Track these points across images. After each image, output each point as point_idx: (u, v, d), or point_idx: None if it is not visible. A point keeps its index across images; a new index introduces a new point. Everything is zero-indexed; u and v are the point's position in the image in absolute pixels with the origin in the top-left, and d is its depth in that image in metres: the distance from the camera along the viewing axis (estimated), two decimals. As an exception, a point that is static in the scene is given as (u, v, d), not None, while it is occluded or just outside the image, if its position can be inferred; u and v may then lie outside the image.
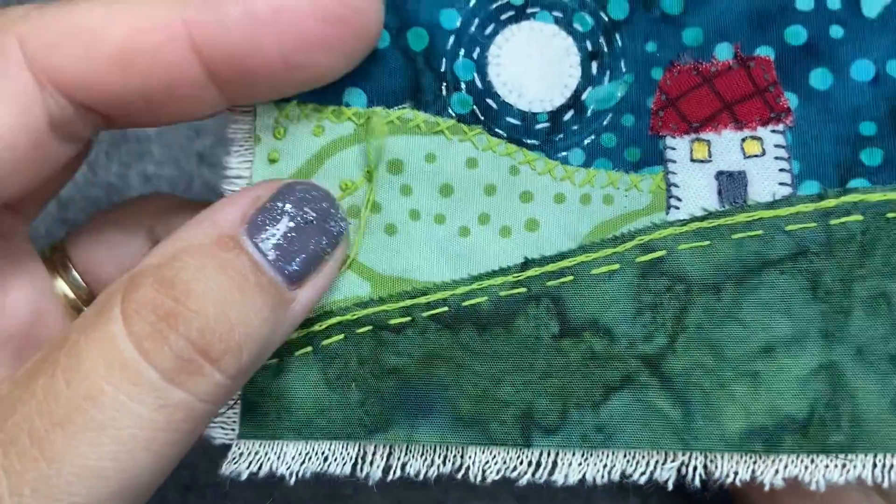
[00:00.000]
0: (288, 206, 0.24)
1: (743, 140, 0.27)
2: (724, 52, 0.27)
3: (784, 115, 0.27)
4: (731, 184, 0.26)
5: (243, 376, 0.23)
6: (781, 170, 0.26)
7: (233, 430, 0.27)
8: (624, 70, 0.27)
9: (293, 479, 0.27)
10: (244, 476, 0.27)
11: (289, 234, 0.24)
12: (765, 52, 0.27)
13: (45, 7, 0.23)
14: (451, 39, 0.27)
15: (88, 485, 0.20)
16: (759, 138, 0.27)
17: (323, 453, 0.27)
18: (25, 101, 0.22)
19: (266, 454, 0.27)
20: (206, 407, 0.22)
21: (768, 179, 0.26)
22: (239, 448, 0.27)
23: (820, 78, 0.26)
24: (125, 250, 0.28)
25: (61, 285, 0.28)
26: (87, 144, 0.28)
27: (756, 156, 0.26)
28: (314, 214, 0.24)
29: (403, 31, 0.27)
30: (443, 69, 0.27)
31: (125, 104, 0.24)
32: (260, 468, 0.27)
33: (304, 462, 0.27)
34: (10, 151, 0.23)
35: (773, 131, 0.26)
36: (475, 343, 0.26)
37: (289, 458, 0.27)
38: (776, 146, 0.26)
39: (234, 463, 0.27)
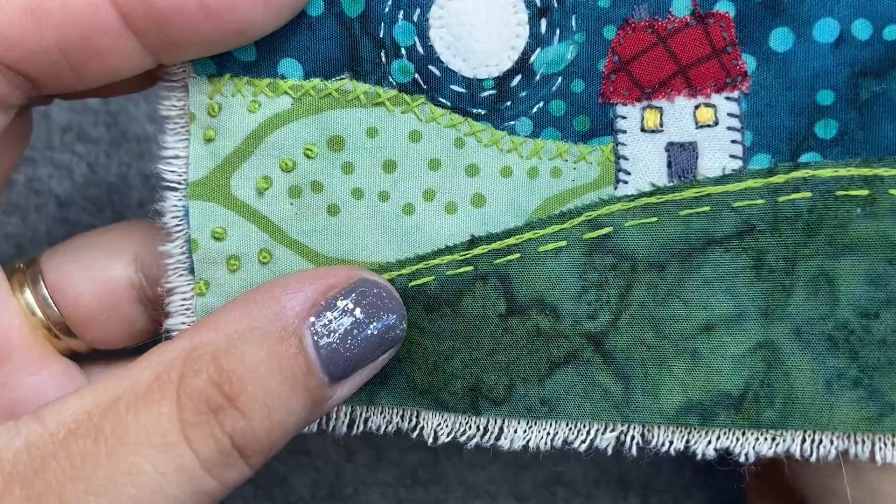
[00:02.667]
0: (357, 309, 0.24)
1: (696, 108, 0.25)
2: (681, 8, 0.25)
3: (740, 81, 0.25)
4: (682, 155, 0.26)
5: (259, 465, 0.23)
6: (733, 141, 0.25)
7: None
8: (574, 28, 0.25)
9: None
10: None
11: (348, 338, 0.24)
12: (724, 7, 0.25)
13: None
14: (389, 2, 0.25)
15: None
16: (712, 105, 0.25)
17: None
18: None
19: None
20: (227, 491, 0.23)
21: (719, 151, 0.25)
22: None
23: (781, 38, 0.25)
24: (105, 273, 0.28)
25: (28, 298, 0.28)
26: (26, 118, 0.27)
27: (708, 125, 0.25)
28: (379, 323, 0.24)
29: None
30: (381, 35, 0.25)
31: (45, 61, 0.23)
32: None
33: None
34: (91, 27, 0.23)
35: (728, 98, 0.25)
36: (424, 322, 0.26)
37: None
38: (729, 115, 0.25)
39: None
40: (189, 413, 0.22)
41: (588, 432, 0.26)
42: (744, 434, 0.26)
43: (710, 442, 0.26)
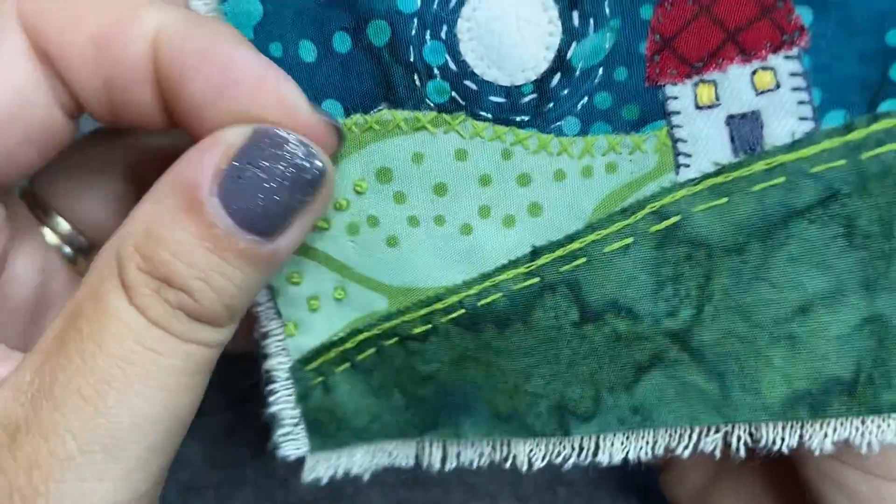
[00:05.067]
0: (258, 159, 0.23)
1: (753, 73, 0.23)
2: (720, -29, 0.23)
3: (797, 36, 0.23)
4: (745, 128, 0.24)
5: (240, 316, 0.24)
6: (800, 102, 0.23)
7: (304, 445, 0.29)
8: (609, 15, 0.24)
9: (367, 475, 0.28)
10: (325, 480, 0.29)
11: (257, 188, 0.23)
12: None
13: None
14: (415, 23, 0.25)
15: (145, 431, 0.23)
16: (771, 68, 0.23)
17: (387, 450, 0.28)
18: (26, 61, 0.23)
19: (338, 458, 0.29)
20: (216, 349, 0.24)
21: (786, 116, 0.23)
22: (314, 458, 0.29)
23: None
24: (108, 189, 0.29)
25: (48, 234, 0.29)
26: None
27: (770, 90, 0.23)
28: (289, 167, 0.23)
29: (362, 28, 0.25)
30: (412, 58, 0.25)
31: (93, 89, 0.24)
32: (336, 472, 0.29)
33: (372, 459, 0.28)
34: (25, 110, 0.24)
35: (787, 57, 0.23)
36: (498, 341, 0.25)
37: (358, 458, 0.28)
38: (792, 75, 0.23)
39: (312, 472, 0.29)
40: (140, 300, 0.23)
41: (690, 436, 0.25)
42: (863, 422, 0.23)
43: (826, 435, 0.23)
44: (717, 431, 0.24)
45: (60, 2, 0.23)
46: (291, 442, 0.28)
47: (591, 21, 0.24)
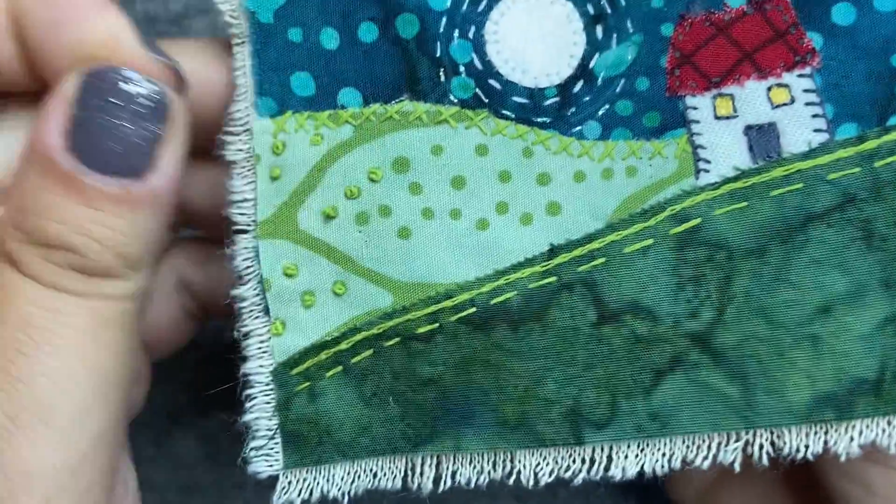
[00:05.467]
0: (98, 101, 0.23)
1: (769, 89, 0.25)
2: (735, -2, 0.25)
3: (809, 57, 0.25)
4: (762, 137, 0.25)
5: (143, 265, 0.24)
6: (815, 115, 0.24)
7: (277, 461, 0.26)
8: (631, 30, 0.25)
9: (345, 499, 0.26)
10: None
11: (110, 133, 0.23)
12: None
13: None
14: (444, 21, 0.25)
15: (67, 390, 0.22)
16: (785, 85, 0.25)
17: (371, 470, 0.26)
18: None
19: (315, 479, 0.26)
20: (126, 303, 0.23)
21: (801, 128, 0.24)
22: (287, 478, 0.26)
23: (842, 13, 0.24)
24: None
25: None
26: None
27: (785, 104, 0.25)
28: (129, 102, 0.23)
29: (391, 20, 0.25)
30: (438, 54, 0.25)
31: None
32: (311, 495, 0.26)
33: (353, 482, 0.26)
34: None
35: (801, 76, 0.25)
36: (510, 342, 0.24)
37: (338, 479, 0.26)
38: (805, 91, 0.24)
39: (285, 493, 0.26)
40: (28, 266, 0.22)
41: (709, 447, 0.23)
42: (889, 423, 0.23)
43: (852, 438, 0.23)
44: (737, 440, 0.23)
45: None
46: (264, 458, 0.26)
47: (615, 35, 0.25)
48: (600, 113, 0.25)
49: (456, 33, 0.25)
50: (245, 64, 0.26)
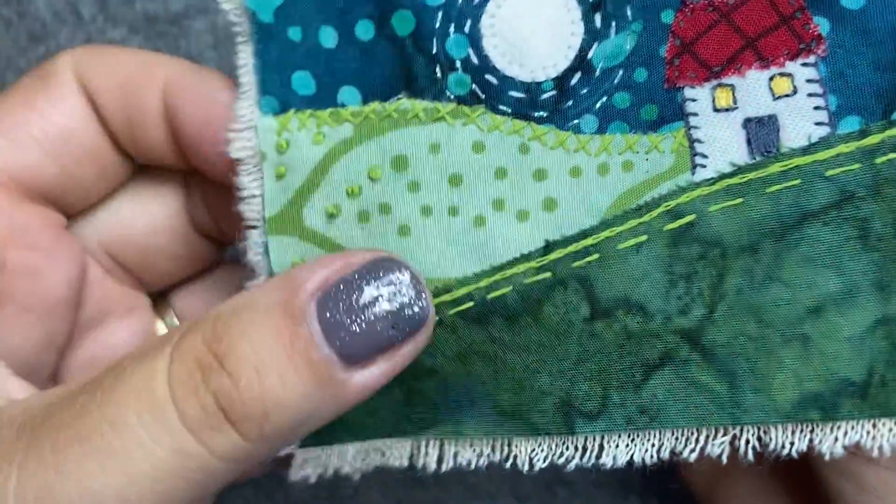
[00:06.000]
0: (369, 285, 0.23)
1: (771, 79, 0.24)
2: (740, -20, 0.24)
3: (815, 45, 0.24)
4: (761, 131, 0.24)
5: (270, 443, 0.22)
6: (817, 108, 0.24)
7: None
8: (630, 18, 0.25)
9: (358, 475, 0.27)
10: (312, 479, 0.28)
11: (357, 313, 0.22)
12: None
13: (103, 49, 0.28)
14: (439, 16, 0.25)
15: None
16: (788, 75, 0.24)
17: (380, 449, 0.27)
18: (76, 103, 0.28)
19: (328, 456, 0.28)
20: (223, 465, 0.22)
21: (802, 120, 0.24)
22: (303, 455, 0.28)
23: None
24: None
25: (161, 328, 0.32)
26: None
27: (787, 95, 0.24)
28: (394, 298, 0.23)
29: (387, 17, 0.25)
30: (434, 50, 0.25)
31: (122, 127, 0.28)
32: (325, 470, 0.28)
33: (364, 458, 0.27)
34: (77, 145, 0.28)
35: (804, 64, 0.24)
36: (506, 335, 0.25)
37: (349, 457, 0.27)
38: (808, 81, 0.24)
39: (301, 469, 0.28)
40: (179, 369, 0.21)
41: (697, 440, 0.24)
42: (874, 426, 0.23)
43: (836, 438, 0.23)
44: (724, 434, 0.24)
45: (103, 56, 0.27)
46: None
47: (614, 23, 0.25)
48: (597, 106, 0.25)
49: (452, 28, 0.25)
50: (248, 62, 0.26)
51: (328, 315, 0.22)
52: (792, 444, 0.23)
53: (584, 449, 0.25)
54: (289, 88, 0.26)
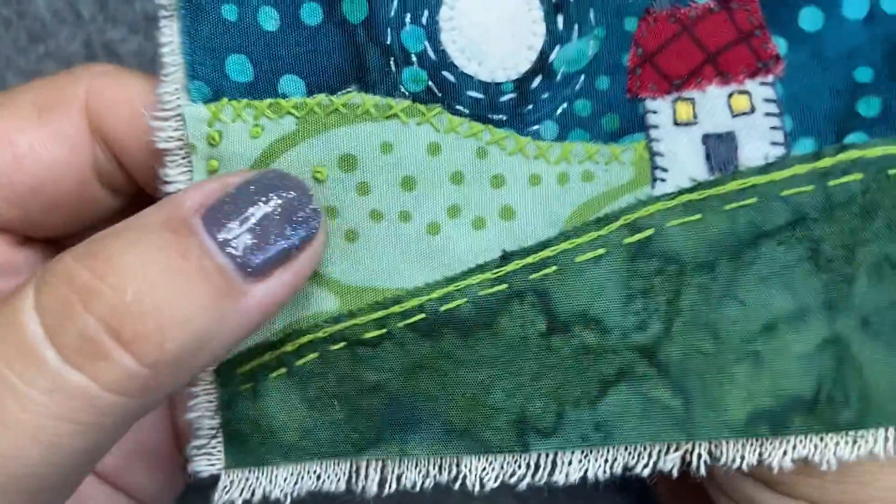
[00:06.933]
0: (255, 197, 0.21)
1: (730, 96, 0.24)
2: (702, -7, 0.24)
3: (773, 64, 0.24)
4: (720, 147, 0.24)
5: (170, 369, 0.20)
6: (773, 128, 0.24)
7: (218, 460, 0.25)
8: (594, 23, 0.24)
9: (288, 500, 0.25)
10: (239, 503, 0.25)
11: (252, 225, 0.21)
12: None
13: (121, 73, 0.25)
14: (395, 4, 0.23)
15: None
16: (747, 92, 0.24)
17: (315, 472, 0.25)
18: (77, 141, 0.24)
19: (257, 479, 0.25)
20: (116, 399, 0.19)
21: (759, 139, 0.24)
22: (229, 477, 0.25)
23: (810, 18, 0.24)
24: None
25: None
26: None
27: (745, 113, 0.24)
28: (282, 204, 0.22)
29: (337, 1, 0.23)
30: (388, 41, 0.23)
31: (144, 167, 0.25)
32: (253, 494, 0.25)
33: (296, 483, 0.25)
34: (56, 184, 0.24)
35: (762, 84, 0.24)
36: (459, 350, 0.24)
37: (280, 480, 0.25)
38: (766, 101, 0.24)
39: (226, 493, 0.25)
40: (48, 298, 0.19)
41: (650, 454, 0.24)
42: (822, 440, 0.24)
43: (785, 452, 0.24)
44: (677, 450, 0.24)
45: (116, 87, 0.24)
46: (205, 456, 0.25)
47: (576, 27, 0.24)
48: (558, 112, 0.24)
49: (408, 18, 0.23)
50: (174, 41, 0.23)
51: (216, 229, 0.21)
52: (742, 458, 0.24)
53: (537, 467, 0.24)
54: (222, 73, 0.23)
